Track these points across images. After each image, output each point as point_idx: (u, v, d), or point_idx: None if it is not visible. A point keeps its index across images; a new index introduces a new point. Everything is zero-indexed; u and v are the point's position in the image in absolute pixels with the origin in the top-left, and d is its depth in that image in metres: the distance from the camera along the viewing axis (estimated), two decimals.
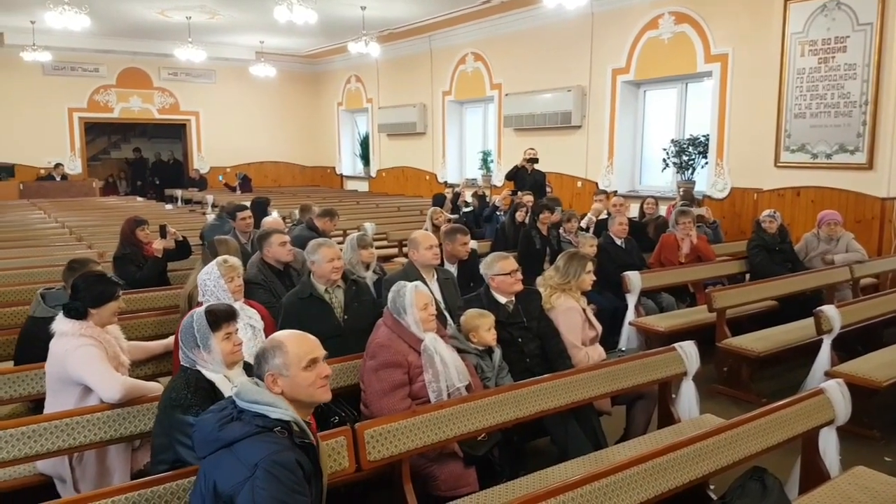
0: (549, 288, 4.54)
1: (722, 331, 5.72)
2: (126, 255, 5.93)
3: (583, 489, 2.60)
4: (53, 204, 13.89)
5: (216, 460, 2.27)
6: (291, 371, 2.38)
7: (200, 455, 2.34)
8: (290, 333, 2.50)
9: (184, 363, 2.91)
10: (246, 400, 2.32)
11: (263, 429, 2.27)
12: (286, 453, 2.23)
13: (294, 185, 20.51)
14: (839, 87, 8.16)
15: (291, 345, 2.42)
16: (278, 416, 2.30)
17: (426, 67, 15.95)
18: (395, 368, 3.52)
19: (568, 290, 4.50)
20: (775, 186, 8.91)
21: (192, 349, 2.87)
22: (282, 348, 2.40)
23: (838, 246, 7.18)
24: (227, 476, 2.21)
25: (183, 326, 2.92)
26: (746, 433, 3.17)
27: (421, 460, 3.37)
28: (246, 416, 2.30)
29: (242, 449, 2.23)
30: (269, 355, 2.40)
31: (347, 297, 4.36)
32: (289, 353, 2.39)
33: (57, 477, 3.40)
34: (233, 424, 2.29)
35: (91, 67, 17.79)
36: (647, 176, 11.72)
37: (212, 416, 2.34)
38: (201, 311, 2.91)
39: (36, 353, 3.86)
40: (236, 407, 2.33)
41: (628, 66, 11.25)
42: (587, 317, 4.53)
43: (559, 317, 4.41)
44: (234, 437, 2.26)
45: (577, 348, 4.36)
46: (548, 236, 7.73)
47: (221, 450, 2.27)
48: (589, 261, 4.61)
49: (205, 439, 2.31)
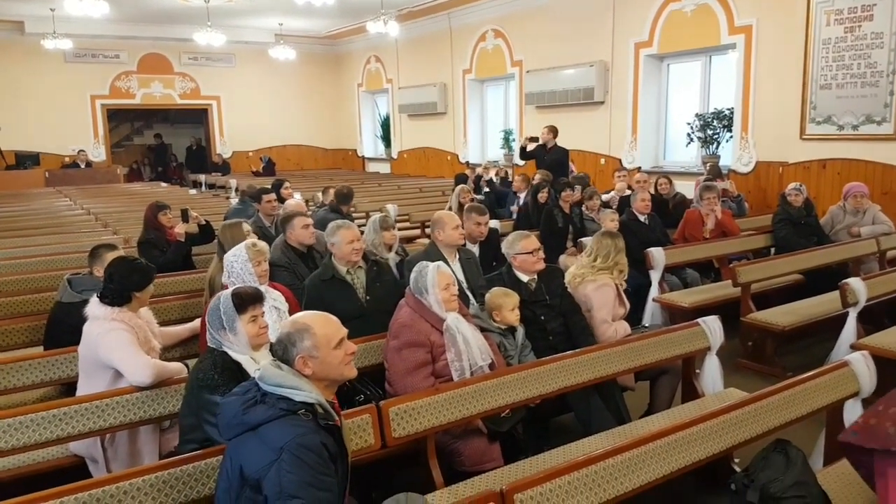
0: (589, 268, 4.53)
1: (747, 305, 5.67)
2: (150, 240, 6.02)
3: (607, 462, 2.63)
4: (79, 191, 14.05)
5: (241, 443, 2.29)
6: (322, 352, 2.40)
7: (226, 437, 2.36)
8: (314, 315, 2.52)
9: (210, 344, 2.95)
10: (269, 383, 2.32)
11: (288, 412, 2.27)
12: (311, 436, 2.24)
13: (316, 168, 20.56)
14: (866, 56, 7.98)
15: (319, 326, 2.43)
16: (302, 398, 2.30)
17: (446, 46, 15.85)
18: (417, 348, 3.55)
19: (606, 271, 4.50)
20: (801, 159, 8.78)
21: (218, 331, 2.91)
22: (309, 331, 2.41)
23: (864, 218, 7.07)
24: (253, 459, 2.23)
25: (210, 308, 2.95)
26: (771, 406, 3.17)
27: (446, 437, 3.41)
28: (270, 399, 2.30)
29: (268, 432, 2.24)
30: (296, 338, 2.40)
31: (369, 278, 4.39)
32: (317, 334, 2.41)
33: (89, 458, 3.48)
34: (257, 408, 2.29)
35: (112, 54, 17.91)
36: (672, 151, 11.59)
37: (236, 399, 2.35)
38: (228, 294, 2.95)
39: (64, 337, 3.94)
40: (260, 390, 2.34)
41: (651, 40, 11.09)
42: (619, 293, 4.53)
43: (592, 293, 4.41)
44: (259, 420, 2.27)
45: (607, 323, 4.36)
46: (570, 214, 7.70)
47: (247, 433, 2.28)
48: (620, 238, 4.61)
49: (230, 422, 2.33)
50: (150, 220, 6.10)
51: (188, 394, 2.98)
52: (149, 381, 3.29)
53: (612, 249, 4.50)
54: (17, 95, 16.58)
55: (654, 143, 11.65)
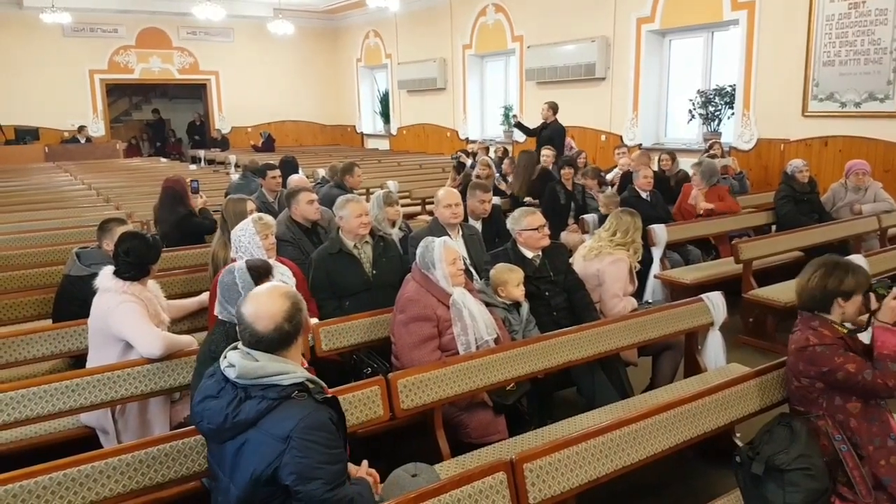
0: (608, 241, 4.57)
1: (748, 282, 5.71)
2: (190, 212, 6.19)
3: (611, 434, 2.68)
4: (78, 166, 14.00)
5: (241, 444, 2.20)
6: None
7: (219, 442, 2.26)
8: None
9: (221, 317, 2.98)
10: (249, 378, 2.21)
11: (281, 398, 2.19)
12: (315, 414, 2.19)
13: (315, 144, 20.49)
14: (869, 33, 7.96)
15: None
16: (291, 380, 2.22)
17: (446, 20, 15.73)
18: (424, 322, 3.58)
19: (623, 247, 4.54)
20: (802, 136, 8.79)
21: (234, 304, 2.94)
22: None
23: (866, 195, 7.08)
24: (260, 456, 2.16)
25: (223, 283, 2.97)
26: (773, 380, 3.23)
27: (452, 409, 3.45)
28: (254, 392, 2.20)
29: (269, 424, 2.17)
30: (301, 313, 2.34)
31: (376, 252, 4.43)
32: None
33: (100, 429, 3.52)
34: (245, 405, 2.19)
35: (110, 28, 17.76)
36: (673, 128, 11.57)
37: (215, 403, 2.23)
38: (242, 267, 2.96)
39: (73, 310, 3.98)
40: (237, 387, 2.22)
41: (653, 15, 11.01)
42: (631, 271, 4.58)
43: (608, 266, 4.46)
44: (254, 416, 2.18)
45: (617, 297, 4.43)
46: (573, 191, 7.71)
47: (246, 432, 2.20)
48: (639, 218, 4.65)
49: (220, 428, 2.22)
50: (179, 197, 6.18)
51: (199, 366, 3.01)
52: (159, 353, 3.33)
53: (632, 227, 4.58)
54: (16, 70, 16.48)
55: (655, 119, 11.61)
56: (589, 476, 2.57)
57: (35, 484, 2.31)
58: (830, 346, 2.73)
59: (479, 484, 2.31)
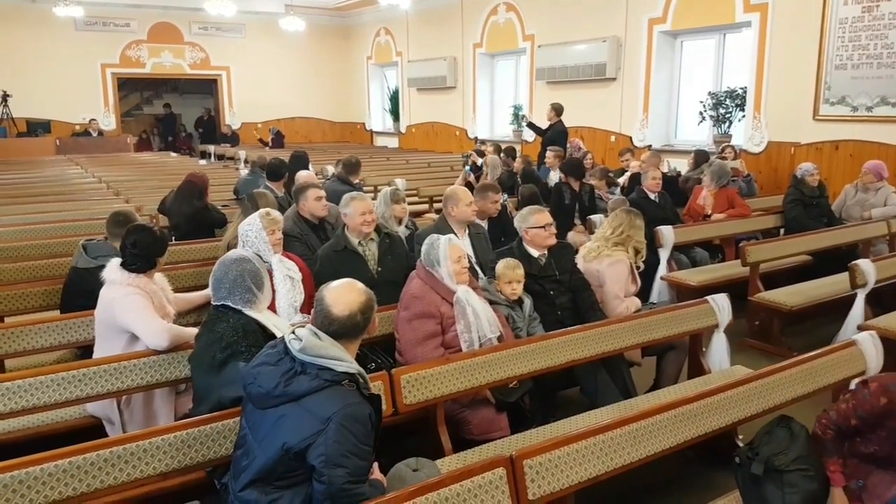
0: (604, 241, 4.56)
1: (755, 284, 5.70)
2: (207, 205, 6.51)
3: (614, 432, 2.68)
4: (90, 159, 14.09)
5: (281, 415, 2.29)
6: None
7: (260, 407, 2.35)
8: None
9: (235, 305, 3.00)
10: (311, 354, 2.32)
11: (332, 382, 2.29)
12: (359, 406, 2.28)
13: (324, 141, 20.54)
14: (883, 37, 7.92)
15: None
16: (344, 368, 2.33)
17: (456, 19, 15.74)
18: (427, 319, 3.60)
19: (621, 246, 4.52)
20: (813, 140, 8.75)
21: (248, 292, 3.02)
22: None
23: (877, 198, 7.05)
24: (296, 429, 2.24)
25: (245, 271, 3.04)
26: (777, 383, 3.22)
27: (454, 406, 3.47)
28: (310, 369, 2.31)
29: (313, 403, 2.26)
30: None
31: (381, 250, 4.44)
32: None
33: (106, 419, 3.55)
34: (300, 378, 2.29)
35: (122, 22, 17.86)
36: (683, 130, 11.54)
37: (272, 370, 2.34)
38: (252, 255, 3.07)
39: (80, 302, 4.00)
40: (296, 360, 2.33)
41: (665, 16, 10.99)
42: (632, 271, 4.56)
43: (606, 268, 4.44)
44: (303, 391, 2.28)
45: (618, 299, 4.40)
46: (578, 192, 7.70)
47: (287, 404, 2.29)
48: (637, 215, 4.63)
49: (269, 393, 2.31)
50: (202, 191, 6.46)
51: (196, 363, 3.03)
52: (165, 345, 3.35)
53: (626, 225, 4.51)
54: (29, 63, 16.60)
55: (665, 121, 11.59)
56: (588, 474, 2.58)
57: (41, 471, 2.33)
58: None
59: (479, 479, 2.32)
